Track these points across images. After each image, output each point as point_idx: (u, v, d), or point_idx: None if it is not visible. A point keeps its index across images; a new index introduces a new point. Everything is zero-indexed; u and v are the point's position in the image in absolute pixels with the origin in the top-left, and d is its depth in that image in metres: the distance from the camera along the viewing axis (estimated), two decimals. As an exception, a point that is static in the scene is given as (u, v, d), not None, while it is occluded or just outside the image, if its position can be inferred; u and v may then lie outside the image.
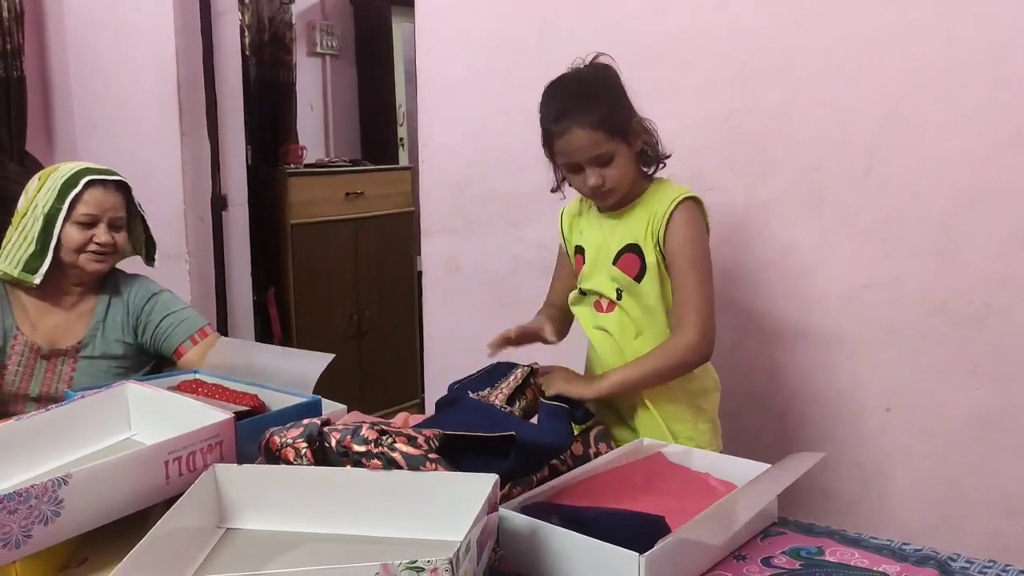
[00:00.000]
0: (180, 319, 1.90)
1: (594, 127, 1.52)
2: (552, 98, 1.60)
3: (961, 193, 1.73)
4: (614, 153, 1.54)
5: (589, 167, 1.55)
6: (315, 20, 4.28)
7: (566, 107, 1.55)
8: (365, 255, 3.95)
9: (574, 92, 1.58)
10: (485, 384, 1.59)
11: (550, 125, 1.58)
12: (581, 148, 1.54)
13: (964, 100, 1.71)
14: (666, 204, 1.58)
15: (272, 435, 1.24)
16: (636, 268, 1.61)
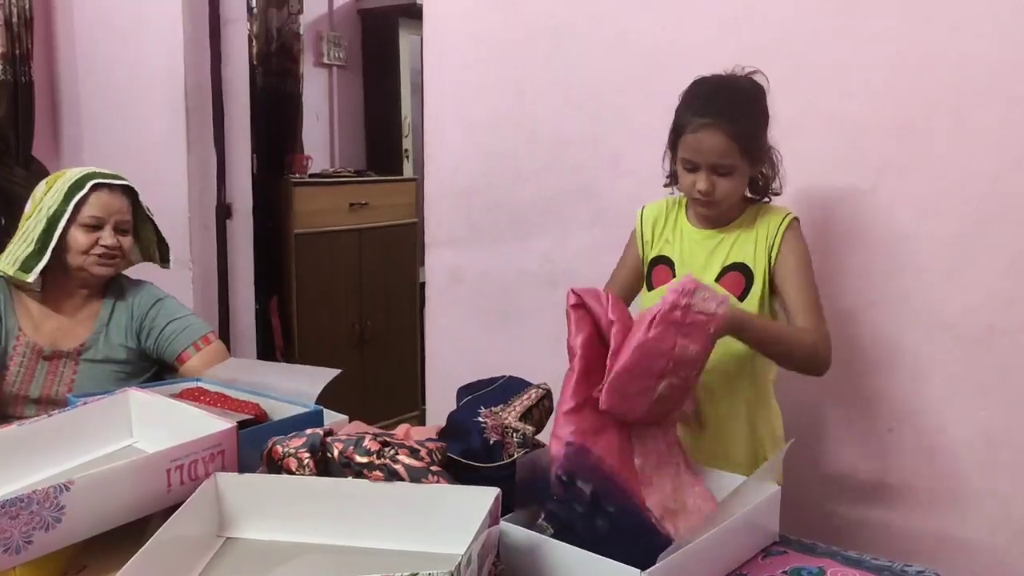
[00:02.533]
0: (184, 325, 1.89)
1: (732, 137, 1.50)
2: (700, 92, 1.57)
3: (969, 212, 1.73)
4: (736, 168, 1.54)
5: (707, 171, 1.54)
6: (323, 31, 4.30)
7: (715, 107, 1.52)
8: (369, 265, 3.95)
9: (727, 96, 1.55)
10: (499, 400, 1.58)
11: (691, 117, 1.54)
12: (711, 151, 1.52)
13: (974, 119, 1.71)
14: (776, 225, 1.60)
15: (274, 444, 1.23)
16: (741, 287, 1.61)
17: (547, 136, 2.28)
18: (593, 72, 2.18)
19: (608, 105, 2.17)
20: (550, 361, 2.29)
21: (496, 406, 1.56)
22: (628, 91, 2.14)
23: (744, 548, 1.22)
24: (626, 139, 2.14)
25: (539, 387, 1.65)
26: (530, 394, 1.62)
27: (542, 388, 1.64)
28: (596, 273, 2.21)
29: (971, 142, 1.72)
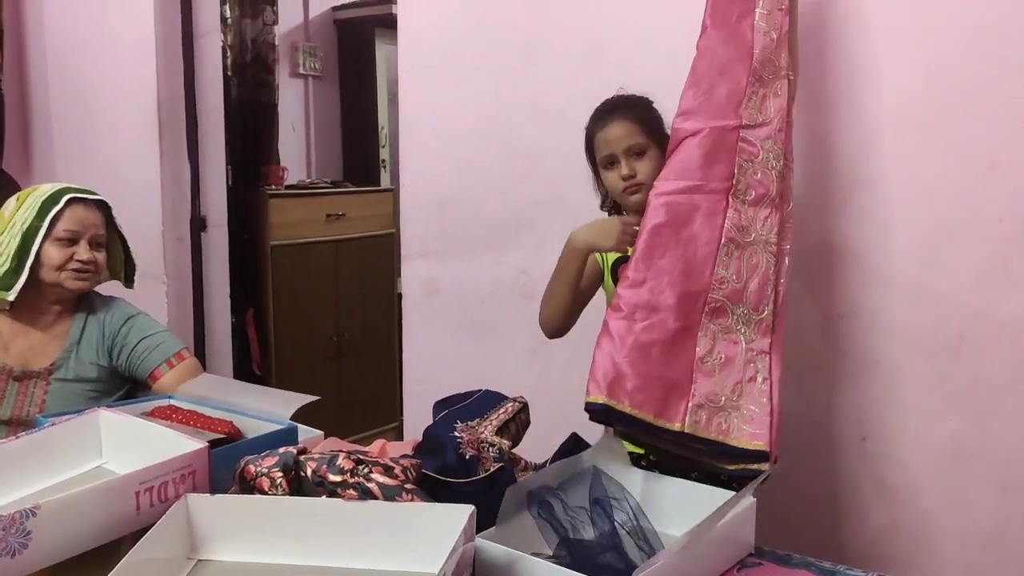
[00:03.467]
0: (157, 342, 1.88)
1: (634, 121, 1.68)
2: (599, 107, 1.76)
3: (938, 225, 1.75)
4: (647, 147, 1.67)
5: (624, 157, 1.68)
6: (298, 41, 4.28)
7: (609, 107, 1.73)
8: (346, 277, 3.94)
9: (617, 100, 1.76)
10: (475, 414, 1.58)
11: (593, 124, 1.74)
12: (620, 137, 1.68)
13: (940, 133, 1.74)
14: None
15: (247, 464, 1.22)
16: None
17: (522, 148, 2.28)
18: (567, 85, 2.19)
19: (582, 118, 2.16)
20: (526, 373, 2.31)
21: (472, 420, 1.56)
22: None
23: (720, 561, 1.23)
24: (600, 151, 2.14)
25: (515, 400, 1.65)
26: (506, 408, 1.62)
27: (518, 401, 1.64)
28: (572, 285, 2.23)
29: (938, 156, 1.74)
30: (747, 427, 1.49)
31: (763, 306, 1.55)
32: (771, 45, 1.60)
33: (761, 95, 1.60)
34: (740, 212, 1.56)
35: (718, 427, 1.50)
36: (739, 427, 1.50)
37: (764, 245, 1.56)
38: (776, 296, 1.57)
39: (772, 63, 1.61)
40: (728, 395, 1.51)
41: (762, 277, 1.56)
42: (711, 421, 1.49)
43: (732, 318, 1.54)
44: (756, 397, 1.51)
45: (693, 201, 1.57)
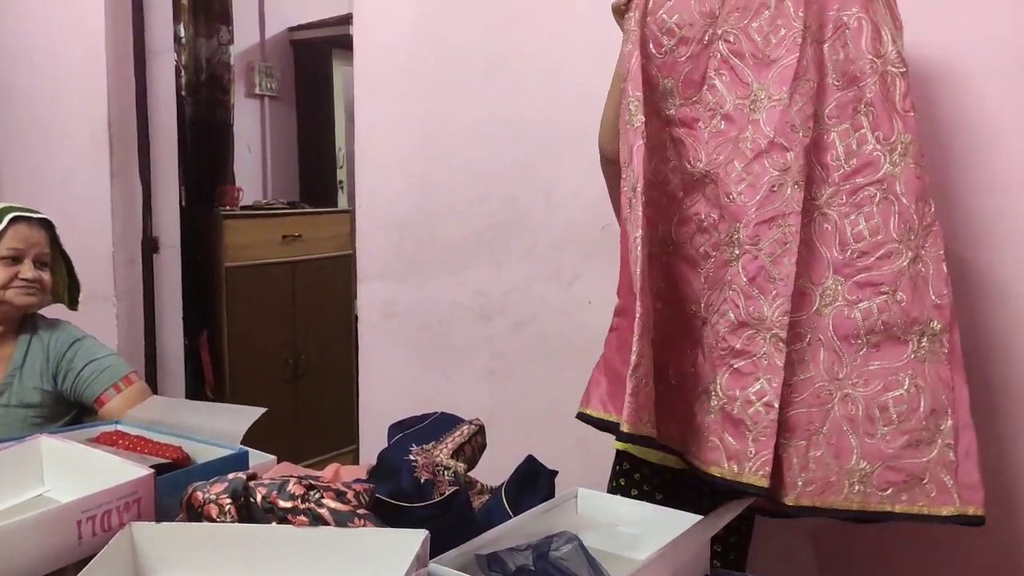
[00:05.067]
0: (103, 366, 1.83)
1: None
2: None
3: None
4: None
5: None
6: (254, 61, 4.26)
7: None
8: (302, 298, 3.90)
9: None
10: (430, 437, 1.56)
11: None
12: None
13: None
14: None
15: (194, 491, 1.19)
16: None
17: (479, 169, 2.28)
18: (526, 106, 2.20)
19: (540, 139, 2.18)
20: (485, 394, 2.30)
21: (428, 443, 1.55)
22: (560, 125, 2.16)
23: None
24: (558, 173, 2.16)
25: (471, 423, 1.64)
26: (462, 430, 1.61)
27: (474, 424, 1.63)
28: (530, 305, 2.23)
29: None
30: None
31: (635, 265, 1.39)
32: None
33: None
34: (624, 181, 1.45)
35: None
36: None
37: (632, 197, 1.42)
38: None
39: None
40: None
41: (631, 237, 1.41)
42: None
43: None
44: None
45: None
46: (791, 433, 1.40)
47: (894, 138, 1.39)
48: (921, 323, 1.36)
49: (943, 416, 1.34)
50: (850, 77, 1.42)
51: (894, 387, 1.36)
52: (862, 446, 1.37)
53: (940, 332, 1.35)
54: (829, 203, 1.43)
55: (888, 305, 1.38)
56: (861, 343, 1.39)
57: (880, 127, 1.40)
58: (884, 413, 1.37)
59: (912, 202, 1.37)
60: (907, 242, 1.37)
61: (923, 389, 1.35)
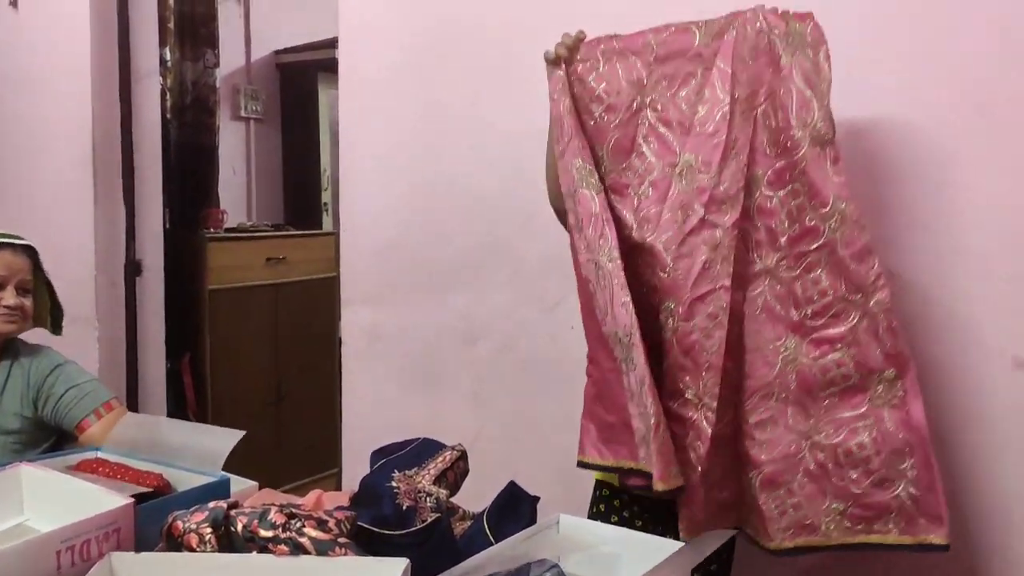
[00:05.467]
0: (84, 392, 1.83)
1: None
2: None
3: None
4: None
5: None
6: (240, 84, 4.27)
7: None
8: (286, 321, 3.89)
9: None
10: (413, 463, 1.56)
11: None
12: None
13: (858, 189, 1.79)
14: None
15: (175, 520, 1.19)
16: None
17: (463, 194, 2.29)
18: (508, 131, 2.21)
19: (522, 164, 2.19)
20: (468, 419, 2.30)
21: (410, 469, 1.54)
22: (543, 151, 2.17)
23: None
24: (540, 198, 2.16)
25: (454, 448, 1.64)
26: (444, 456, 1.61)
27: (456, 450, 1.63)
28: (513, 329, 2.24)
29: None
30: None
31: (628, 329, 1.43)
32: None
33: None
34: (578, 242, 1.52)
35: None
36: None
37: (607, 262, 1.46)
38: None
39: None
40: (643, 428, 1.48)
41: (616, 298, 1.44)
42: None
43: (618, 348, 1.48)
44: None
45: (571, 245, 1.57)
46: (769, 488, 1.47)
47: (830, 206, 1.42)
48: (876, 372, 1.42)
49: (903, 456, 1.41)
50: (783, 147, 1.45)
51: (856, 434, 1.43)
52: (833, 489, 1.44)
53: (894, 379, 1.41)
54: (779, 266, 1.47)
55: (845, 359, 1.43)
56: (824, 395, 1.45)
57: (816, 195, 1.42)
58: (849, 458, 1.43)
59: (856, 263, 1.41)
60: (855, 301, 1.42)
61: (882, 433, 1.42)
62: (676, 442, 1.44)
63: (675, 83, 1.50)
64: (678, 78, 1.49)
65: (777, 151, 1.45)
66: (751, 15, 1.46)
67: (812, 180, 1.43)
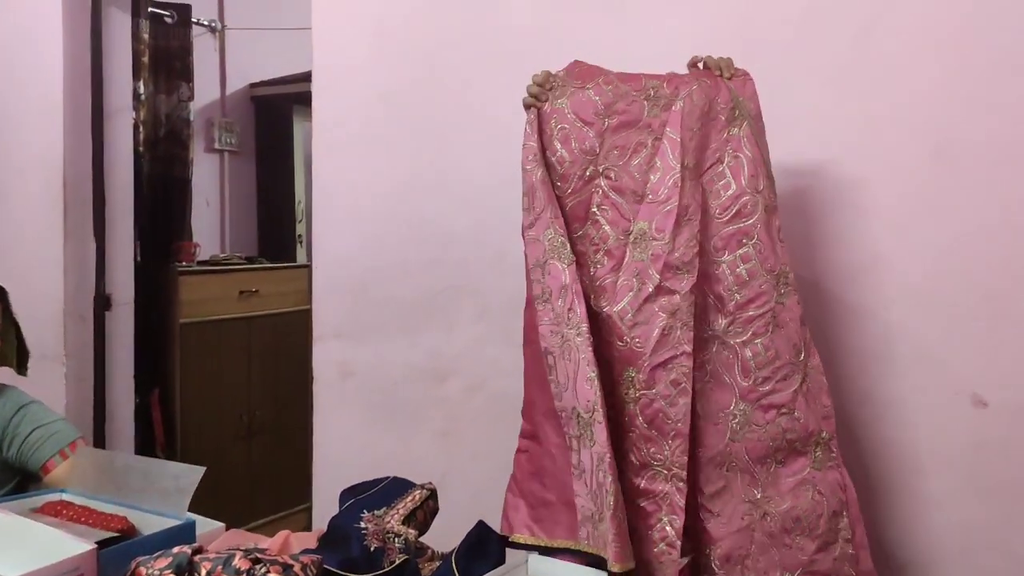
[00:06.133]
0: (50, 432, 1.81)
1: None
2: None
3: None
4: None
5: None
6: (214, 117, 4.28)
7: None
8: (258, 354, 3.86)
9: None
10: (382, 503, 1.56)
11: None
12: None
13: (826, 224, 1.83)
14: None
15: (138, 566, 1.19)
16: None
17: (433, 231, 2.31)
18: (478, 169, 2.24)
19: (492, 202, 2.21)
20: (438, 455, 2.30)
21: (379, 509, 1.55)
22: (513, 189, 2.18)
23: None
24: (509, 237, 2.18)
25: (423, 487, 1.64)
26: (414, 495, 1.61)
27: (426, 488, 1.63)
28: (482, 367, 2.25)
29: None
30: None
31: (591, 405, 1.40)
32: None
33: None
34: (543, 314, 1.53)
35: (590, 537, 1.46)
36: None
37: (576, 336, 1.44)
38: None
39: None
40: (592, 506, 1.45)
41: (581, 372, 1.43)
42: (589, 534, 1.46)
43: (573, 424, 1.46)
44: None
45: (527, 317, 1.60)
46: (727, 564, 1.47)
47: (778, 270, 1.49)
48: (815, 435, 1.48)
49: (840, 516, 1.46)
50: (733, 212, 1.50)
51: (801, 498, 1.47)
52: (783, 557, 1.47)
53: (829, 440, 1.48)
54: (727, 332, 1.49)
55: (790, 423, 1.47)
56: (771, 462, 1.48)
57: (767, 260, 1.49)
58: (797, 524, 1.47)
59: (796, 326, 1.49)
60: (797, 363, 1.48)
61: (823, 495, 1.47)
62: (648, 519, 1.43)
63: (627, 152, 1.52)
64: (629, 147, 1.52)
65: (728, 217, 1.49)
66: (698, 87, 1.51)
67: (764, 246, 1.48)
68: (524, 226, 1.58)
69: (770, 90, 1.65)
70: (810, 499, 1.46)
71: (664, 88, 1.51)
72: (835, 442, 1.49)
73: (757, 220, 1.48)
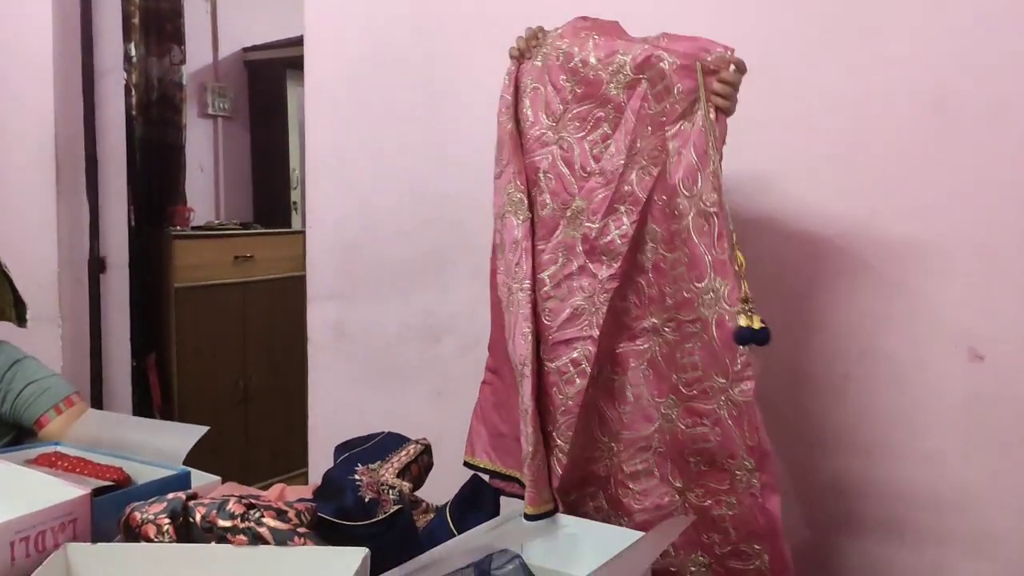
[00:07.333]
0: (44, 387, 1.80)
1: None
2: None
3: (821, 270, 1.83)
4: None
5: None
6: (207, 81, 4.24)
7: None
8: (254, 320, 3.87)
9: None
10: (376, 456, 1.57)
11: None
12: None
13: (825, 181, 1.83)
14: None
15: (132, 511, 1.19)
16: None
17: (427, 192, 2.30)
18: (472, 130, 2.21)
19: (486, 162, 2.19)
20: (432, 414, 2.31)
21: (373, 463, 1.55)
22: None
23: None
24: (504, 195, 2.18)
25: (418, 442, 1.65)
26: (408, 450, 1.62)
27: (421, 443, 1.64)
28: (477, 327, 2.24)
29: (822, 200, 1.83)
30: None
31: (524, 359, 1.48)
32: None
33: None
34: (499, 263, 1.58)
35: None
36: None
37: (519, 291, 1.51)
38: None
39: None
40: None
41: (519, 327, 1.50)
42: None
43: (517, 371, 1.52)
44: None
45: (492, 262, 1.63)
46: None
47: (705, 283, 1.37)
48: (736, 458, 1.39)
49: (758, 539, 1.41)
50: (671, 209, 1.42)
51: (720, 506, 1.44)
52: (699, 543, 1.47)
53: (752, 470, 1.38)
54: (665, 327, 1.47)
55: (710, 436, 1.41)
56: (694, 461, 1.45)
57: (695, 268, 1.38)
58: (715, 524, 1.45)
59: (724, 348, 1.35)
60: (721, 385, 1.38)
61: (741, 514, 1.42)
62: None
63: (585, 126, 1.50)
64: (589, 121, 1.49)
65: (669, 211, 1.42)
66: (662, 69, 1.41)
67: (692, 254, 1.38)
68: (494, 175, 1.61)
69: (763, 40, 1.63)
70: (728, 510, 1.42)
71: (628, 67, 1.43)
72: (763, 475, 1.38)
73: (687, 225, 1.39)
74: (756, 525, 1.40)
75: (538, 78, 1.54)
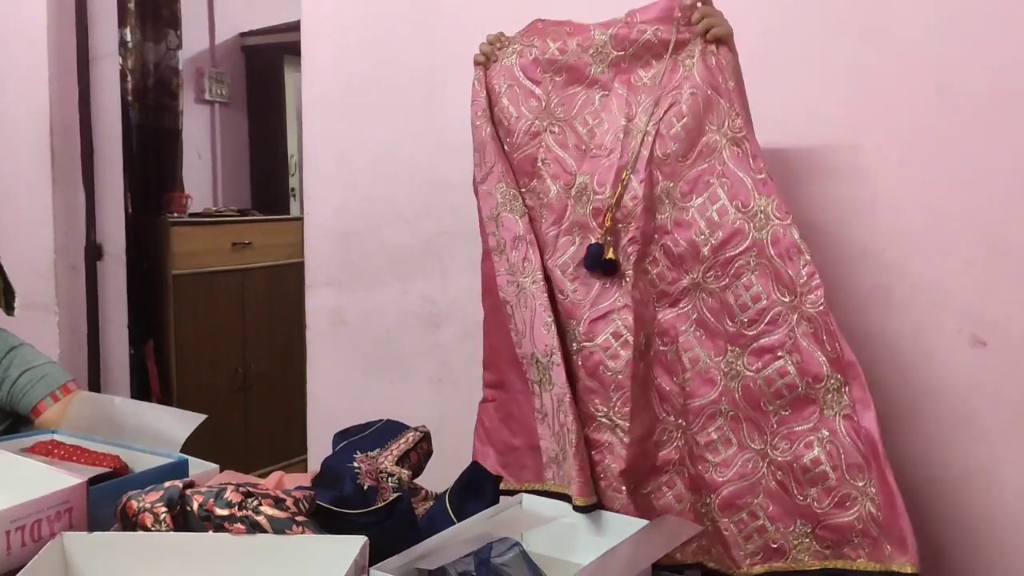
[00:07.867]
0: (40, 374, 1.79)
1: None
2: None
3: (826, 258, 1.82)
4: None
5: None
6: (204, 67, 4.21)
7: None
8: (252, 307, 3.85)
9: None
10: (375, 444, 1.57)
11: None
12: None
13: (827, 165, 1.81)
14: None
15: (129, 499, 1.18)
16: None
17: (425, 179, 2.29)
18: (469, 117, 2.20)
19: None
20: (432, 402, 2.30)
21: (372, 451, 1.55)
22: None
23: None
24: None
25: (417, 430, 1.64)
26: (407, 437, 1.61)
27: (420, 431, 1.64)
28: (476, 314, 2.23)
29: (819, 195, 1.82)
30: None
31: (549, 349, 1.46)
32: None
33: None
34: (499, 265, 1.58)
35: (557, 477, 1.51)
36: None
37: (531, 284, 1.51)
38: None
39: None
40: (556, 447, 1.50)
41: (538, 318, 1.49)
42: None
43: (533, 369, 1.51)
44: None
45: (485, 268, 1.62)
46: (728, 511, 1.45)
47: (752, 205, 1.39)
48: (822, 380, 1.34)
49: (860, 471, 1.32)
50: (698, 153, 1.44)
51: (810, 448, 1.36)
52: (796, 509, 1.39)
53: (840, 387, 1.33)
54: (706, 279, 1.45)
55: (788, 367, 1.37)
56: (773, 409, 1.40)
57: (738, 195, 1.41)
58: (807, 475, 1.37)
59: (785, 263, 1.36)
60: (790, 303, 1.37)
61: (837, 446, 1.34)
62: (596, 467, 1.46)
63: (573, 108, 1.54)
64: (576, 103, 1.53)
65: (694, 158, 1.44)
66: (648, 42, 1.47)
67: (732, 181, 1.41)
68: (476, 180, 1.62)
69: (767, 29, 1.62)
70: (820, 450, 1.34)
71: (609, 44, 1.50)
72: (853, 389, 1.32)
73: (723, 156, 1.41)
74: (855, 452, 1.32)
75: (511, 77, 1.58)
